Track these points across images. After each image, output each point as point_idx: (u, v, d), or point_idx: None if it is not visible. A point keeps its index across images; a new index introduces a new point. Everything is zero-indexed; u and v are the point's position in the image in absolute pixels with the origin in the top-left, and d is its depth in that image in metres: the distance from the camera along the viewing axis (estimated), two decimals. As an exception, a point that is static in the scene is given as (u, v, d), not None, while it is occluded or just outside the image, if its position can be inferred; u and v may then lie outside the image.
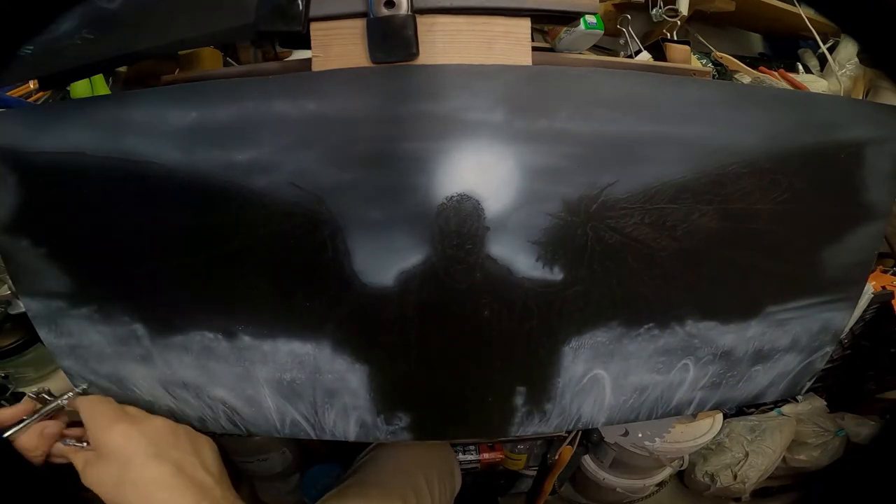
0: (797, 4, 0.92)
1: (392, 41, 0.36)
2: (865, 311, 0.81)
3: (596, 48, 0.71)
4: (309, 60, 0.38)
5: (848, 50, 0.96)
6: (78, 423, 0.42)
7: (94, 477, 0.38)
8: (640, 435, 0.76)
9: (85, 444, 0.41)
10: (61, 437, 0.42)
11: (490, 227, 0.39)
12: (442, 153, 0.38)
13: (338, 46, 0.37)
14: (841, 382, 1.00)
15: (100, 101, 0.44)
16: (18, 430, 0.40)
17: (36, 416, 0.41)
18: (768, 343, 0.47)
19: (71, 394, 0.43)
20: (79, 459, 0.39)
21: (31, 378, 0.62)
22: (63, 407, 0.43)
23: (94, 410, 0.40)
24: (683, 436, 0.74)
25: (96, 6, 0.38)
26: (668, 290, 0.43)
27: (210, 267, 0.42)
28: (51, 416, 0.42)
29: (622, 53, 0.70)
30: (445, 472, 0.70)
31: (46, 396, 0.43)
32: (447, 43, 0.37)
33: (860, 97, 0.94)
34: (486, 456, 0.90)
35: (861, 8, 0.35)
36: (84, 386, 0.45)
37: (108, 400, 0.42)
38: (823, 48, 0.95)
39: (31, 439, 0.40)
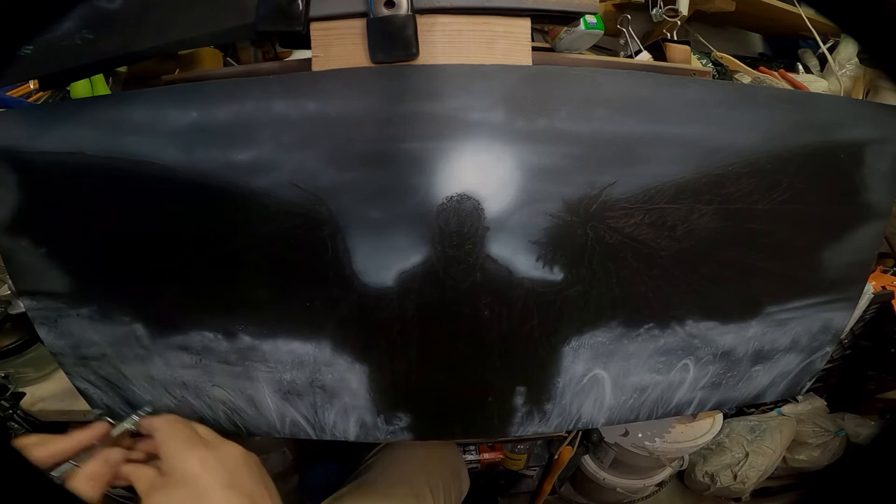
0: (797, 4, 0.92)
1: (392, 41, 0.36)
2: (865, 311, 0.82)
3: (596, 48, 0.71)
4: (309, 60, 0.38)
5: (848, 50, 0.96)
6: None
7: (160, 503, 0.35)
8: (640, 435, 0.76)
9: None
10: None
11: (490, 227, 0.39)
12: (442, 153, 0.38)
13: (338, 46, 0.37)
14: (841, 382, 1.01)
15: (100, 101, 0.44)
16: (85, 458, 0.35)
17: (102, 441, 0.37)
18: (768, 343, 0.47)
19: (136, 417, 0.40)
20: (143, 482, 0.35)
21: (31, 378, 0.63)
22: (130, 430, 0.39)
23: (170, 434, 0.37)
24: (683, 436, 0.74)
25: (96, 6, 0.38)
26: (669, 290, 0.43)
27: (210, 267, 0.42)
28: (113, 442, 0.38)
29: (622, 53, 0.70)
30: (451, 477, 0.69)
31: (110, 421, 0.39)
32: (447, 43, 0.37)
33: (860, 97, 0.94)
34: (486, 456, 0.90)
35: (861, 8, 0.35)
36: (149, 409, 0.41)
37: (184, 422, 0.39)
38: (823, 48, 0.95)
39: (96, 467, 0.35)
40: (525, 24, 0.38)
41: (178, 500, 0.34)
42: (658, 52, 0.67)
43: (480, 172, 0.38)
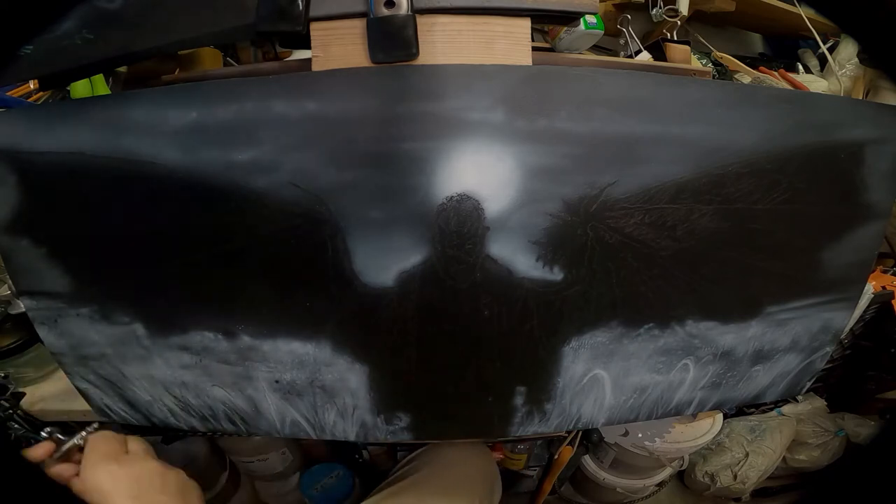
0: (797, 4, 0.92)
1: (392, 41, 0.36)
2: (865, 311, 0.81)
3: (596, 48, 0.71)
4: (309, 60, 0.38)
5: (848, 50, 0.96)
6: None
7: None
8: (640, 435, 0.76)
9: None
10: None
11: (490, 227, 0.39)
12: (442, 153, 0.38)
13: (338, 46, 0.37)
14: (841, 382, 1.00)
15: (100, 101, 0.44)
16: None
17: (54, 456, 0.42)
18: (768, 343, 0.47)
19: (84, 433, 0.43)
20: (75, 487, 0.41)
21: (31, 378, 0.62)
22: (80, 446, 0.43)
23: (92, 447, 0.41)
24: (683, 436, 0.74)
25: (96, 6, 0.38)
26: (669, 290, 0.43)
27: (210, 267, 0.42)
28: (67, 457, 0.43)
29: (622, 53, 0.70)
30: (494, 485, 0.71)
31: (60, 436, 0.43)
32: (447, 43, 0.37)
33: (860, 97, 0.94)
34: (486, 456, 0.90)
35: (861, 8, 0.35)
36: (95, 426, 0.44)
37: (112, 437, 0.43)
38: (823, 48, 0.95)
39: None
40: (525, 24, 0.38)
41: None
42: (658, 52, 0.67)
43: (480, 172, 0.38)
